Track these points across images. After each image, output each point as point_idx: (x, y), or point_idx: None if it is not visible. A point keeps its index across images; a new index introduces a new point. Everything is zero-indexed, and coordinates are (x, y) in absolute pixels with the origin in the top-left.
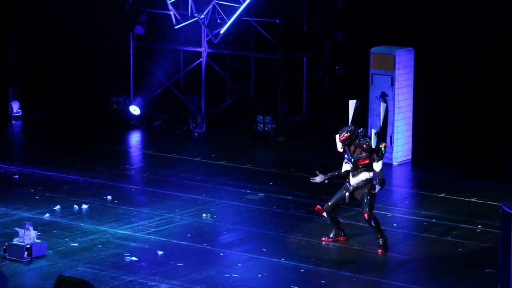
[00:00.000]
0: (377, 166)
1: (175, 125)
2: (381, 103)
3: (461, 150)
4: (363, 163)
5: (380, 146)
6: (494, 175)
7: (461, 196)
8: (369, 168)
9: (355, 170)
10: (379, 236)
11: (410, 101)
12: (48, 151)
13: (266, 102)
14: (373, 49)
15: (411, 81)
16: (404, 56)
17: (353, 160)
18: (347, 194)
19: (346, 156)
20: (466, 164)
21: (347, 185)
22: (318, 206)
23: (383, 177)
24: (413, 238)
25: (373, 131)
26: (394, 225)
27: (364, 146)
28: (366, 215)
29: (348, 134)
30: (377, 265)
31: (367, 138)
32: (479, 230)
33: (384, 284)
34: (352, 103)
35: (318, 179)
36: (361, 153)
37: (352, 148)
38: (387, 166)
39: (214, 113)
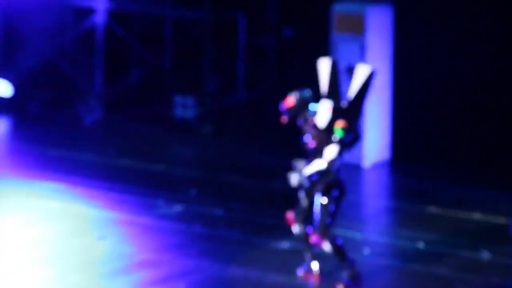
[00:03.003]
0: (327, 153)
1: (57, 108)
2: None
3: (457, 146)
4: (312, 146)
5: (336, 126)
6: (504, 182)
7: (459, 210)
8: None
9: (309, 157)
10: (345, 265)
11: (388, 78)
12: None
13: (187, 78)
14: (336, 5)
15: (389, 51)
16: (379, 15)
17: (302, 142)
18: (303, 195)
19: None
20: (464, 166)
21: (305, 181)
22: (291, 215)
23: (329, 169)
24: (393, 270)
25: (326, 102)
26: (367, 251)
27: (312, 123)
28: (314, 237)
29: (295, 100)
30: None
31: (316, 112)
32: (484, 259)
33: None
34: (325, 63)
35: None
36: (309, 132)
37: (302, 123)
38: (355, 169)
39: (114, 92)
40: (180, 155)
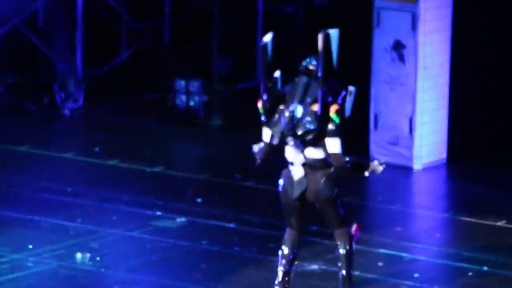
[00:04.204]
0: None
1: (28, 94)
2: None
3: None
4: None
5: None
6: None
7: None
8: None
9: None
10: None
11: (446, 59)
12: None
13: (191, 57)
14: None
15: (448, 23)
16: None
17: None
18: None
19: None
20: None
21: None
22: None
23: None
24: None
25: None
26: (416, 275)
27: None
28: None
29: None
30: None
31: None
32: None
33: None
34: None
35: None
36: None
37: None
38: (404, 170)
39: (99, 75)
40: (182, 153)
